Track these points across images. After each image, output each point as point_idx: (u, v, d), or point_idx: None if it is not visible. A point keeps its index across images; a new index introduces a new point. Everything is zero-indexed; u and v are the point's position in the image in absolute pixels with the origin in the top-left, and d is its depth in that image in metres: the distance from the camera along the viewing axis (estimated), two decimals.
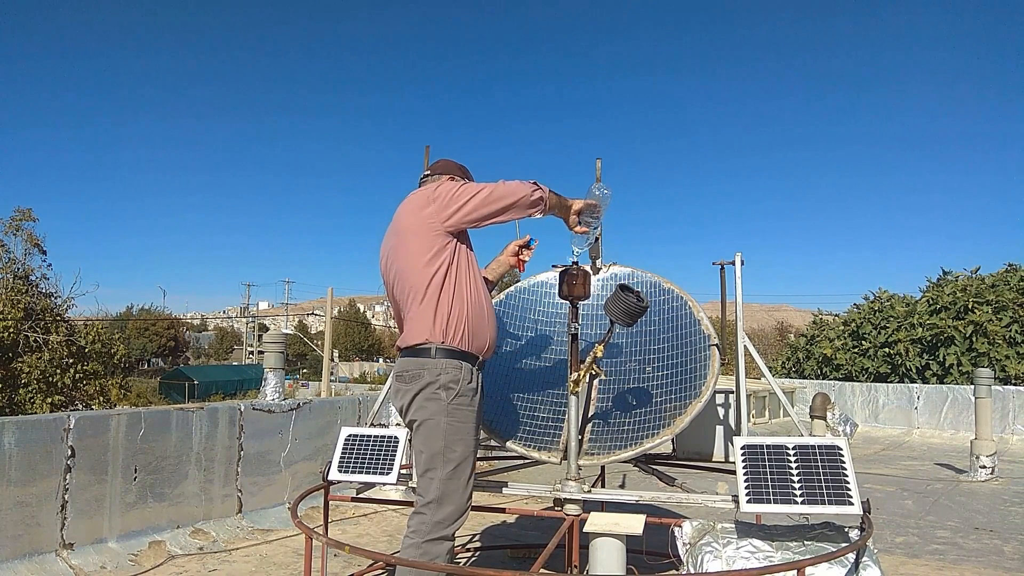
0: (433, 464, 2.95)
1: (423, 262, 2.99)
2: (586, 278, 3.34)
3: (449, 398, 2.96)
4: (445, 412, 2.96)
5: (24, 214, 16.13)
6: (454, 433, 2.96)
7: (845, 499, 2.92)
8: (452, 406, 2.96)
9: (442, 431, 2.95)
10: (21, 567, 4.10)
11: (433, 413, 2.97)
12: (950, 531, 6.01)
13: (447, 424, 2.96)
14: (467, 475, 3.00)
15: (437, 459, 2.95)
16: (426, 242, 3.00)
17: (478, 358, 3.08)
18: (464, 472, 2.98)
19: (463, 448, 2.98)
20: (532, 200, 3.06)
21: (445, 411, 2.96)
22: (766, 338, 38.84)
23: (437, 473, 2.94)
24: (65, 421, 4.45)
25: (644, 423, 3.66)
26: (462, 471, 2.97)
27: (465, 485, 2.99)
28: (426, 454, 2.98)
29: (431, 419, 2.97)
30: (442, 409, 2.96)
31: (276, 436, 5.86)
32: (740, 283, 3.86)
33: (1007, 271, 17.17)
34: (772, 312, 69.82)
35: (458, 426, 2.97)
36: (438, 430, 2.96)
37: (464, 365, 3.01)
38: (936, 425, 13.36)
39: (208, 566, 4.66)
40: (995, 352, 15.39)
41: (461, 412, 2.98)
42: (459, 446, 2.97)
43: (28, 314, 14.52)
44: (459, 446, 2.97)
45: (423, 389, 2.98)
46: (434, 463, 2.95)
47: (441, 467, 2.94)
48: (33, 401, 13.77)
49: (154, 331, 58.53)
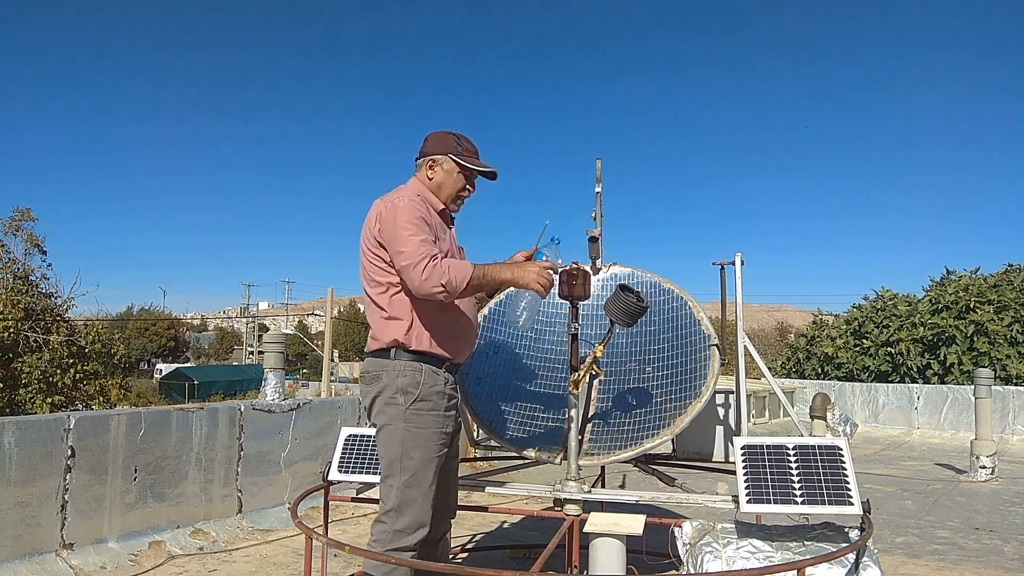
0: (391, 471, 2.88)
1: (377, 269, 2.93)
2: (586, 278, 3.34)
3: (407, 403, 2.87)
4: (403, 417, 2.87)
5: (23, 214, 16.13)
6: (412, 439, 2.86)
7: (845, 499, 2.92)
8: (411, 411, 2.87)
9: (399, 437, 2.87)
10: (21, 567, 4.10)
11: (391, 418, 2.89)
12: (950, 531, 6.01)
13: (405, 430, 2.86)
14: (428, 483, 2.89)
15: (395, 466, 2.87)
16: (377, 255, 2.93)
17: (445, 360, 2.98)
18: (424, 480, 2.88)
19: (421, 455, 2.87)
20: (429, 294, 2.79)
21: (403, 416, 2.87)
22: (766, 338, 38.84)
23: (395, 480, 2.86)
24: (65, 421, 4.45)
25: (644, 423, 3.66)
26: (421, 479, 2.87)
27: (426, 493, 2.88)
28: (384, 460, 2.92)
29: (389, 424, 2.89)
30: (400, 414, 2.87)
31: (276, 436, 5.86)
32: (740, 283, 3.86)
33: (1008, 271, 17.17)
34: (772, 312, 69.85)
35: (417, 432, 2.87)
36: (396, 436, 2.87)
37: (425, 368, 2.91)
38: (936, 425, 13.35)
39: (208, 566, 4.66)
40: (996, 352, 15.38)
41: (421, 417, 2.88)
42: (417, 452, 2.87)
43: (28, 314, 14.52)
44: (417, 452, 2.87)
45: (381, 393, 2.91)
46: (392, 470, 2.88)
47: (399, 475, 2.86)
48: (33, 401, 13.78)
49: (154, 331, 58.54)
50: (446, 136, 3.12)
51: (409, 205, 2.89)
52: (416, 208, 2.90)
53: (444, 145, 3.09)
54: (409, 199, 2.93)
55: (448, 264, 2.80)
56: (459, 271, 2.81)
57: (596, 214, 4.01)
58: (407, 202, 2.90)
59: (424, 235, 2.84)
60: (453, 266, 2.81)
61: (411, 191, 3.03)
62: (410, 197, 2.95)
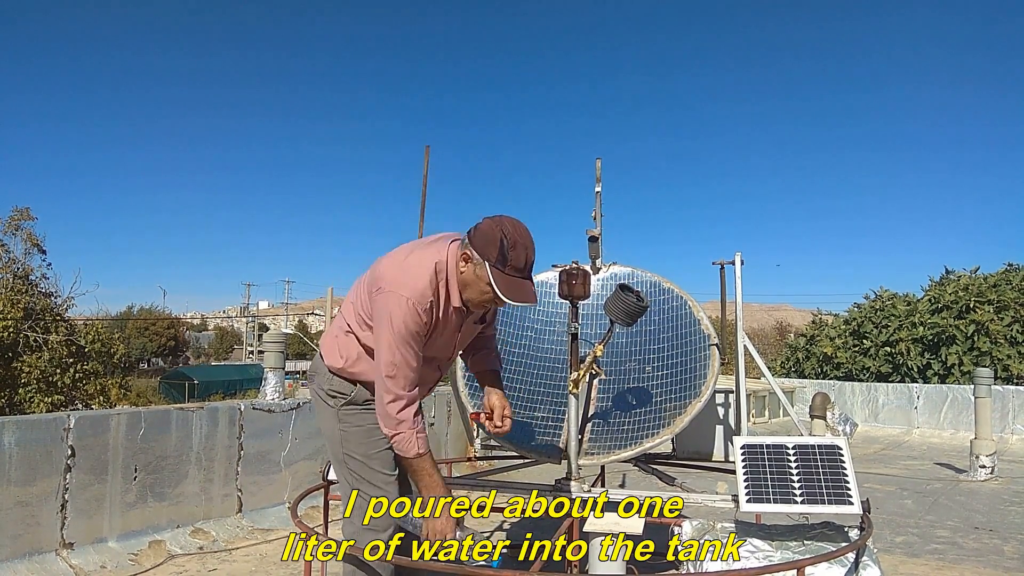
0: (340, 472, 2.84)
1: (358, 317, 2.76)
2: (586, 278, 3.34)
3: (338, 404, 2.80)
4: (336, 418, 2.81)
5: (23, 213, 16.14)
6: (350, 438, 2.79)
7: (845, 499, 2.92)
8: (343, 411, 2.80)
9: (338, 437, 2.81)
10: (21, 567, 4.10)
11: (327, 419, 2.85)
12: (950, 531, 6.01)
13: (341, 430, 2.80)
14: (380, 478, 2.77)
15: (341, 468, 2.83)
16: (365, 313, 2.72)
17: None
18: (375, 475, 2.77)
19: (363, 451, 2.77)
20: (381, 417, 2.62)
21: (336, 416, 2.81)
22: (766, 338, 38.79)
23: (348, 479, 2.81)
24: (65, 421, 4.45)
25: (644, 423, 3.67)
26: (371, 474, 2.77)
27: (383, 488, 2.77)
28: (333, 461, 2.90)
29: (326, 425, 2.86)
30: (333, 415, 2.81)
31: (276, 436, 5.86)
32: (740, 283, 3.87)
33: (1008, 270, 17.17)
34: (772, 312, 69.82)
35: (353, 430, 2.79)
36: (334, 436, 2.82)
37: (359, 387, 2.79)
38: (936, 425, 13.35)
39: (208, 566, 4.67)
40: (997, 351, 15.38)
41: (355, 416, 2.79)
42: (359, 449, 2.77)
43: (28, 314, 14.52)
44: (359, 449, 2.77)
45: (316, 393, 2.88)
46: (340, 471, 2.84)
47: (346, 475, 2.81)
48: (33, 401, 13.78)
49: (154, 331, 58.51)
50: (499, 237, 2.59)
51: (410, 312, 2.55)
52: (417, 318, 2.57)
53: (489, 248, 2.58)
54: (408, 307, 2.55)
55: (415, 432, 2.61)
56: (410, 445, 2.61)
57: (596, 214, 4.02)
58: (406, 309, 2.55)
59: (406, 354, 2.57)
60: (408, 439, 2.60)
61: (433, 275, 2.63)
62: (413, 301, 2.56)
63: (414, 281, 2.59)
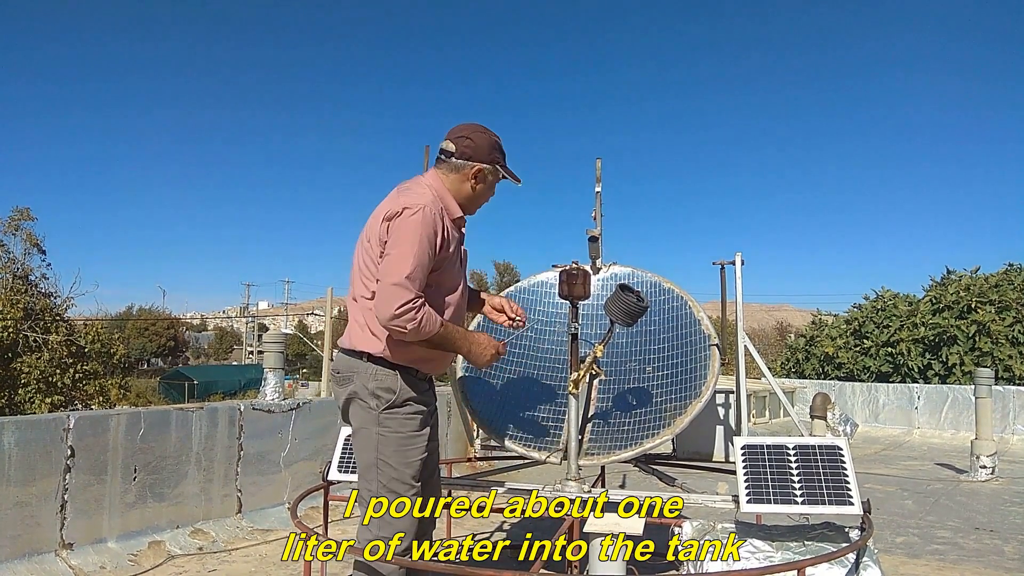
0: (368, 475, 2.82)
1: (369, 274, 2.79)
2: (586, 278, 3.34)
3: (380, 407, 2.79)
4: (376, 422, 2.80)
5: (23, 213, 16.17)
6: (388, 444, 2.79)
7: (845, 499, 2.92)
8: (384, 415, 2.80)
9: (374, 442, 2.80)
10: (21, 567, 4.09)
11: (364, 422, 2.82)
12: (950, 531, 6.00)
13: (379, 435, 2.79)
14: (405, 487, 2.80)
15: (371, 471, 2.81)
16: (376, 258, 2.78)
17: (417, 371, 2.88)
18: (401, 484, 2.79)
19: (399, 459, 2.79)
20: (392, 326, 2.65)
21: (376, 420, 2.80)
22: (766, 338, 38.80)
23: (373, 485, 2.80)
24: (65, 421, 4.44)
25: (644, 423, 3.66)
26: (398, 484, 2.79)
27: (403, 498, 2.79)
28: (361, 464, 2.86)
29: (363, 428, 2.83)
30: (373, 419, 2.80)
31: (276, 436, 5.86)
32: (740, 283, 3.86)
33: (1009, 270, 17.16)
34: (772, 312, 69.83)
35: (391, 436, 2.79)
36: (370, 440, 2.81)
37: (400, 373, 2.82)
38: (936, 425, 13.34)
39: (208, 566, 4.66)
40: (998, 352, 15.37)
41: (395, 421, 2.80)
42: (394, 457, 2.78)
43: (28, 314, 14.54)
44: (394, 457, 2.78)
45: (353, 396, 2.84)
46: (369, 474, 2.82)
47: (375, 479, 2.80)
48: (33, 401, 13.79)
49: (154, 331, 58.53)
50: (492, 140, 2.91)
51: (424, 220, 2.71)
52: (430, 224, 2.73)
53: (491, 151, 2.88)
54: (426, 213, 2.73)
55: (426, 312, 2.67)
56: (432, 323, 2.69)
57: (596, 214, 4.01)
58: (424, 216, 2.71)
59: (424, 262, 2.69)
60: (428, 316, 2.68)
61: (432, 192, 2.84)
62: (429, 207, 2.75)
63: (419, 197, 2.77)
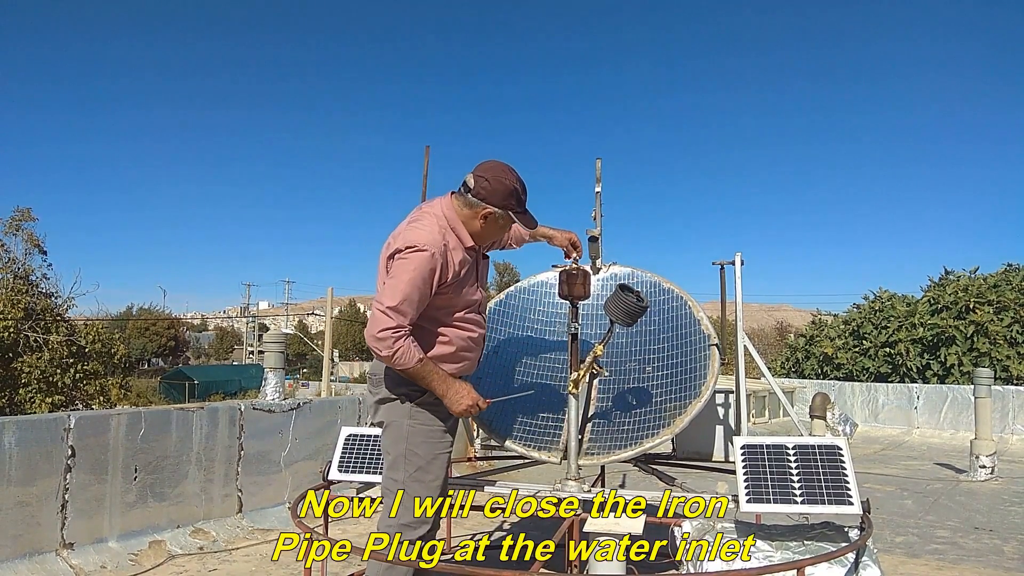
0: (396, 466, 2.92)
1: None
2: (586, 278, 3.35)
3: (412, 400, 2.92)
4: (408, 414, 2.92)
5: (24, 214, 16.17)
6: (417, 435, 2.91)
7: (845, 499, 2.92)
8: (415, 408, 2.92)
9: (405, 433, 2.91)
10: (21, 567, 4.10)
11: (397, 415, 2.94)
12: (950, 531, 6.01)
13: (410, 426, 2.91)
14: (431, 478, 2.91)
15: (400, 462, 2.91)
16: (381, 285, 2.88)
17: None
18: (428, 475, 2.91)
19: (427, 450, 2.91)
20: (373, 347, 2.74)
21: (408, 412, 2.92)
22: (766, 338, 38.82)
23: (400, 475, 2.90)
24: (65, 421, 4.45)
25: (644, 423, 3.66)
26: (424, 474, 2.90)
27: (430, 489, 2.91)
28: (390, 456, 2.96)
29: (394, 422, 2.95)
30: (405, 411, 2.92)
31: (276, 436, 5.86)
32: (740, 283, 3.86)
33: (1007, 271, 17.17)
34: (772, 312, 69.87)
35: (420, 428, 2.92)
36: (401, 432, 2.92)
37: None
38: (936, 425, 13.35)
39: (208, 566, 4.67)
40: (997, 352, 15.39)
41: (425, 414, 2.92)
42: (423, 448, 2.91)
43: (28, 314, 14.54)
44: (423, 448, 2.91)
45: (387, 395, 2.96)
46: (397, 465, 2.92)
47: (404, 470, 2.90)
48: (33, 401, 13.80)
49: (154, 331, 58.51)
50: (509, 187, 2.92)
51: (422, 260, 2.76)
52: (427, 265, 2.77)
53: (506, 198, 2.91)
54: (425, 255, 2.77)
55: (404, 345, 2.73)
56: (408, 357, 2.74)
57: (596, 214, 4.01)
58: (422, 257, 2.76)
59: (414, 298, 2.75)
60: (405, 348, 2.73)
61: (440, 226, 2.88)
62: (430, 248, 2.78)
63: (427, 234, 2.81)
